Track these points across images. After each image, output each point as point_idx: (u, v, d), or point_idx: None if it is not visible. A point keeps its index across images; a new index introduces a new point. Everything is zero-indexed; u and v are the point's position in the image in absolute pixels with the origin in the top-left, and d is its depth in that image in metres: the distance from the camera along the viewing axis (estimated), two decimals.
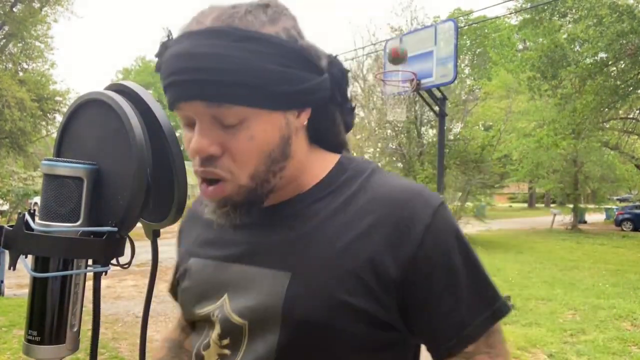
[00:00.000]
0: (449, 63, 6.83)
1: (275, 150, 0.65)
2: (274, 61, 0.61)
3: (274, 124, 0.64)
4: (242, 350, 0.67)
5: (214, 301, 0.71)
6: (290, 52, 0.63)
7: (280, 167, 0.67)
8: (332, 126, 0.74)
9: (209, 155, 0.62)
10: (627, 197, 31.15)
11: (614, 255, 11.89)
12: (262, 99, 0.61)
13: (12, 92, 16.08)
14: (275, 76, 0.61)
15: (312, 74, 0.65)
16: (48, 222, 0.60)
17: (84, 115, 0.67)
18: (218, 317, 0.70)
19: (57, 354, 0.61)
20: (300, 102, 0.66)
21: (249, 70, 0.60)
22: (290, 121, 0.66)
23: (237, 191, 0.65)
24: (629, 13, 10.71)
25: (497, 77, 20.94)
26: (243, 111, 0.61)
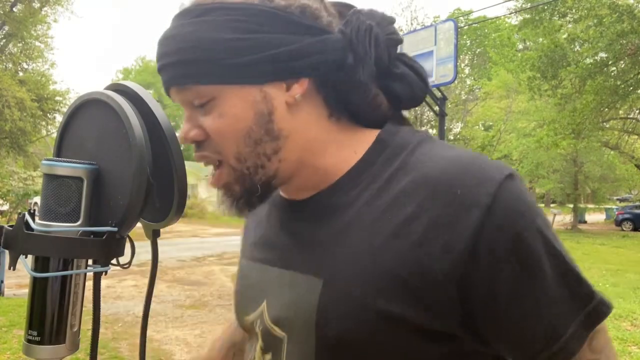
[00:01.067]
0: (449, 63, 6.83)
1: (253, 129, 0.57)
2: (235, 28, 0.55)
3: (244, 99, 0.57)
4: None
5: (255, 308, 0.65)
6: (259, 14, 0.55)
7: (273, 148, 0.58)
8: (362, 99, 0.61)
9: (193, 140, 0.60)
10: (627, 197, 31.15)
11: (614, 255, 11.89)
12: (223, 73, 0.56)
13: (12, 92, 16.08)
14: (236, 44, 0.55)
15: (295, 35, 0.56)
16: (48, 222, 0.60)
17: (84, 115, 0.67)
18: (260, 328, 0.64)
19: (57, 354, 0.61)
20: (283, 72, 0.57)
21: (204, 44, 0.55)
22: (271, 95, 0.57)
23: (233, 175, 0.60)
24: (629, 13, 10.71)
25: (497, 77, 20.94)
26: (208, 90, 0.57)
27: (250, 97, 0.57)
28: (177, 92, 0.60)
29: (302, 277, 0.58)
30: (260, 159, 0.59)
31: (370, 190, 0.58)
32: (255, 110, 0.57)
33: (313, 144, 0.61)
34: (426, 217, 0.52)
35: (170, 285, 7.72)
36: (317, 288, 0.56)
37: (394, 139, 0.61)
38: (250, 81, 0.57)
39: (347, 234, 0.57)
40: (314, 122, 0.61)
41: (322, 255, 0.58)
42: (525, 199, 0.52)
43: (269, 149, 0.59)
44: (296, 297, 0.58)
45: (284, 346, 0.59)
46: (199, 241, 14.44)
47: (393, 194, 0.55)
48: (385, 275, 0.52)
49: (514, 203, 0.51)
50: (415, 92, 0.63)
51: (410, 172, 0.56)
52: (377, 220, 0.55)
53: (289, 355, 0.59)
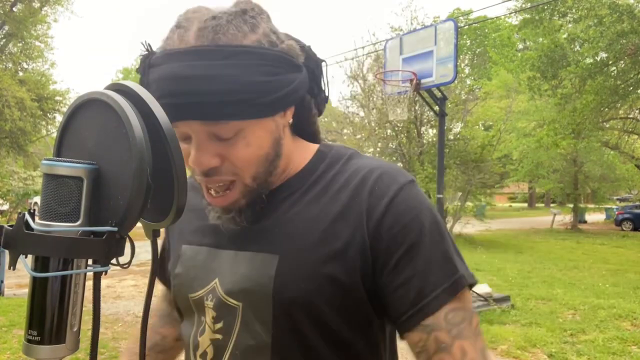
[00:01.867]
0: (449, 63, 6.82)
1: (270, 153, 0.70)
2: (262, 72, 0.64)
3: (266, 130, 0.68)
4: (235, 333, 0.71)
5: (204, 286, 0.75)
6: (275, 59, 0.66)
7: (276, 164, 0.72)
8: (309, 116, 0.79)
9: (212, 167, 0.67)
10: (627, 197, 31.15)
11: (614, 255, 11.89)
12: (255, 111, 0.65)
13: (12, 92, 16.08)
14: (265, 87, 0.64)
15: (294, 74, 0.68)
16: (48, 221, 0.60)
17: (84, 115, 0.67)
18: (212, 301, 0.73)
19: (57, 354, 0.61)
20: (286, 103, 0.69)
21: (240, 86, 0.63)
22: (279, 122, 0.70)
23: (243, 193, 0.70)
24: (629, 13, 10.70)
25: (497, 77, 20.94)
26: (238, 124, 0.65)
27: (269, 127, 0.69)
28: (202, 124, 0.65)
29: (258, 256, 0.71)
30: (268, 174, 0.71)
31: (316, 189, 0.73)
32: (272, 137, 0.70)
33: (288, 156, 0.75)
34: (355, 205, 0.69)
35: None
36: (274, 262, 0.69)
37: (331, 152, 0.78)
38: (271, 114, 0.68)
39: (298, 221, 0.71)
40: (289, 139, 0.76)
41: (276, 237, 0.71)
42: (419, 197, 0.71)
43: (274, 166, 0.72)
44: (252, 271, 0.70)
45: (238, 313, 0.71)
46: None
47: (334, 191, 0.72)
48: (328, 248, 0.68)
49: (410, 197, 0.70)
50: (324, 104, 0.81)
51: (344, 176, 0.73)
52: (321, 210, 0.71)
53: (244, 321, 0.70)
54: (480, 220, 16.22)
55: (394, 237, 0.67)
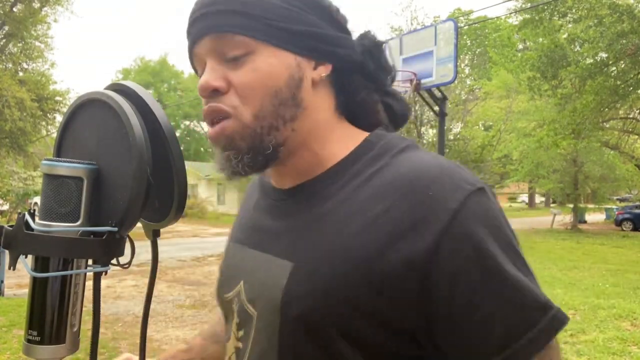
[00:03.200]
0: (449, 63, 6.83)
1: (282, 90, 0.60)
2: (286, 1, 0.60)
3: (281, 61, 0.61)
4: (250, 343, 0.64)
5: (234, 287, 0.69)
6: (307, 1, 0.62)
7: (291, 114, 0.61)
8: (366, 102, 0.67)
9: (213, 89, 0.61)
10: (627, 197, 31.15)
11: (614, 255, 11.89)
12: (266, 31, 0.60)
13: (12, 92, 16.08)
14: (282, 11, 0.60)
15: (329, 25, 0.63)
16: (48, 222, 0.60)
17: (84, 115, 0.67)
18: (237, 305, 0.67)
19: (57, 354, 0.61)
20: (315, 50, 0.62)
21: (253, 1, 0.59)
22: (303, 66, 0.62)
23: (241, 132, 0.61)
24: (629, 13, 10.71)
25: (497, 77, 20.93)
26: (248, 42, 0.60)
27: (287, 60, 0.61)
28: (212, 40, 0.61)
29: (275, 260, 0.62)
30: (277, 120, 0.61)
31: (351, 186, 0.61)
32: (289, 72, 0.61)
33: (319, 129, 0.65)
34: (398, 213, 0.55)
35: (170, 285, 7.72)
36: (287, 270, 0.59)
37: (381, 142, 0.65)
38: (288, 47, 0.61)
39: (321, 223, 0.60)
40: (325, 108, 0.65)
41: (295, 240, 0.61)
42: (491, 211, 0.55)
43: (288, 114, 0.61)
44: (268, 278, 0.62)
45: (253, 323, 0.63)
46: (199, 241, 14.44)
47: (371, 191, 0.58)
48: (352, 264, 0.55)
49: (479, 213, 0.54)
50: (405, 112, 0.71)
51: (390, 172, 0.59)
52: (352, 213, 0.58)
53: (257, 332, 0.62)
54: None
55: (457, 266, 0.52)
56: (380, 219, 0.55)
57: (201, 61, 0.64)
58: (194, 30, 0.62)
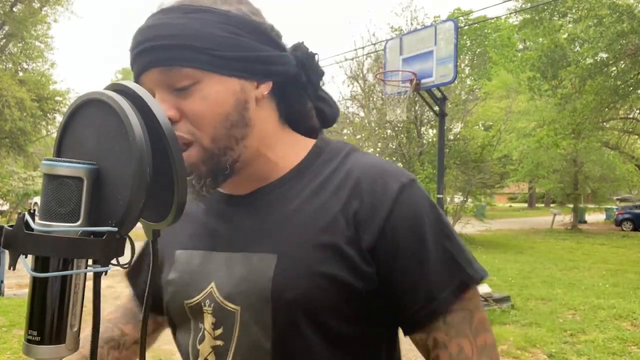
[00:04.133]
0: (449, 63, 6.82)
1: (232, 113, 0.66)
2: (221, 28, 0.64)
3: (227, 87, 0.66)
4: (235, 338, 0.68)
5: (200, 291, 0.72)
6: (240, 23, 0.66)
7: (242, 133, 0.68)
8: (303, 109, 0.76)
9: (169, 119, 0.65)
10: (627, 197, 31.15)
11: (614, 255, 11.89)
12: (210, 61, 0.64)
13: (12, 92, 16.08)
14: (222, 40, 0.64)
15: (266, 46, 0.68)
16: (48, 222, 0.60)
17: (84, 115, 0.67)
18: (210, 305, 0.71)
19: (57, 354, 0.61)
20: (255, 72, 0.68)
21: (195, 34, 0.63)
22: (247, 88, 0.68)
23: (202, 156, 0.66)
24: (629, 13, 10.70)
25: (497, 77, 20.93)
26: (194, 73, 0.64)
27: (232, 86, 0.66)
28: (159, 73, 0.65)
29: (255, 256, 0.68)
30: (230, 141, 0.67)
31: (313, 186, 0.71)
32: (235, 97, 0.66)
33: (268, 139, 0.72)
34: (356, 204, 0.68)
35: None
36: (272, 262, 0.66)
37: (328, 147, 0.76)
38: (233, 73, 0.66)
39: (294, 219, 0.69)
40: (270, 120, 0.73)
41: (273, 236, 0.69)
42: (423, 195, 0.70)
43: (239, 134, 0.68)
44: (250, 272, 0.68)
45: (237, 318, 0.68)
46: None
47: (332, 187, 0.70)
48: (327, 248, 0.66)
49: (414, 196, 0.69)
50: (334, 113, 0.80)
51: (342, 172, 0.71)
52: (320, 207, 0.69)
53: (243, 325, 0.68)
54: (480, 221, 16.21)
55: (399, 240, 0.66)
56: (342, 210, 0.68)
57: (149, 90, 0.66)
58: (139, 62, 0.66)
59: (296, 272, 0.65)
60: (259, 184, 0.74)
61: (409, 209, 0.67)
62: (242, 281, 0.68)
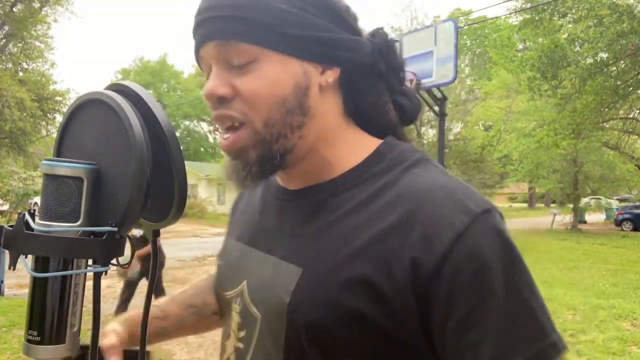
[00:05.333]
0: (449, 63, 6.83)
1: (289, 98, 0.60)
2: (289, 2, 0.59)
3: (286, 68, 0.60)
4: (253, 344, 0.64)
5: (235, 286, 0.69)
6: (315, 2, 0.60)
7: (299, 122, 0.61)
8: (376, 103, 0.66)
9: (220, 96, 0.60)
10: (627, 197, 31.14)
11: (614, 255, 11.88)
12: (271, 38, 0.58)
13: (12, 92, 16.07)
14: (288, 16, 0.58)
15: (338, 27, 0.61)
16: (48, 222, 0.60)
17: (84, 115, 0.67)
18: (239, 306, 0.67)
19: (57, 354, 0.61)
20: (322, 55, 0.61)
21: (259, 6, 0.58)
22: (310, 73, 0.61)
23: (253, 140, 0.61)
24: (629, 13, 10.70)
25: (497, 77, 20.93)
26: (253, 50, 0.59)
27: (293, 68, 0.60)
28: (216, 47, 0.60)
29: (283, 264, 0.62)
30: (285, 128, 0.61)
31: (361, 197, 0.61)
32: (295, 81, 0.60)
33: (327, 134, 0.65)
34: (405, 230, 0.55)
35: (170, 285, 7.72)
36: (296, 275, 0.59)
37: (392, 153, 0.65)
38: (295, 54, 0.60)
39: (330, 232, 0.60)
40: (333, 113, 0.65)
41: (304, 246, 0.62)
42: (498, 233, 0.55)
43: (295, 121, 0.61)
44: (275, 281, 0.62)
45: (257, 325, 0.63)
46: (199, 241, 14.44)
47: (380, 204, 0.59)
48: (358, 275, 0.55)
49: (485, 235, 0.54)
50: (416, 109, 0.70)
51: (399, 187, 0.60)
52: (360, 224, 0.59)
53: (260, 334, 0.62)
54: None
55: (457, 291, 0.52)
56: (387, 235, 0.56)
57: (207, 64, 0.63)
58: (199, 33, 0.62)
59: (317, 295, 0.57)
60: (309, 181, 0.66)
61: (473, 254, 0.53)
62: (267, 288, 0.63)
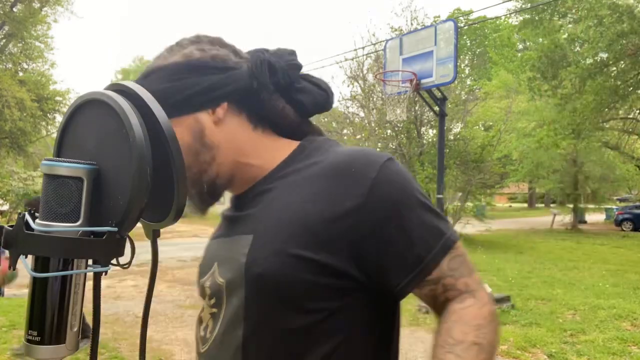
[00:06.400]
0: (449, 63, 6.82)
1: (191, 144, 0.79)
2: (167, 79, 0.78)
3: (183, 125, 0.79)
4: (224, 306, 0.78)
5: (208, 272, 0.84)
6: (180, 68, 0.79)
7: (209, 156, 0.80)
8: (273, 110, 0.83)
9: None
10: (627, 197, 31.14)
11: (614, 255, 11.89)
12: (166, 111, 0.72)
13: (12, 92, 16.07)
14: (169, 90, 0.78)
15: (208, 76, 0.79)
16: (48, 222, 0.60)
17: (84, 115, 0.67)
18: (210, 281, 0.82)
19: (57, 354, 0.61)
20: (203, 102, 0.79)
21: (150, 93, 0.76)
22: (201, 118, 0.79)
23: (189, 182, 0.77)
24: (629, 13, 10.70)
25: (497, 77, 20.95)
26: None
27: (186, 122, 0.79)
28: None
29: (239, 238, 0.78)
30: (202, 166, 0.80)
31: (292, 177, 0.78)
32: (190, 130, 0.79)
33: (243, 148, 0.82)
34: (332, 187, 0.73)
35: (170, 285, 7.72)
36: (248, 241, 0.75)
37: (312, 144, 0.83)
38: (184, 112, 0.79)
39: (272, 205, 0.77)
40: (240, 133, 0.82)
41: (253, 220, 0.78)
42: (401, 173, 0.75)
43: (207, 157, 0.80)
44: (233, 251, 0.77)
45: (223, 289, 0.78)
46: (199, 241, 14.45)
47: (310, 176, 0.77)
48: (300, 230, 0.71)
49: (392, 174, 0.74)
50: (317, 100, 0.85)
51: (322, 163, 0.77)
52: (295, 193, 0.76)
53: (228, 295, 0.77)
54: (480, 221, 16.21)
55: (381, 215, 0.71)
56: (319, 194, 0.73)
57: None
58: None
59: (267, 250, 0.72)
60: (250, 184, 0.84)
61: (388, 188, 0.72)
62: (228, 259, 0.78)
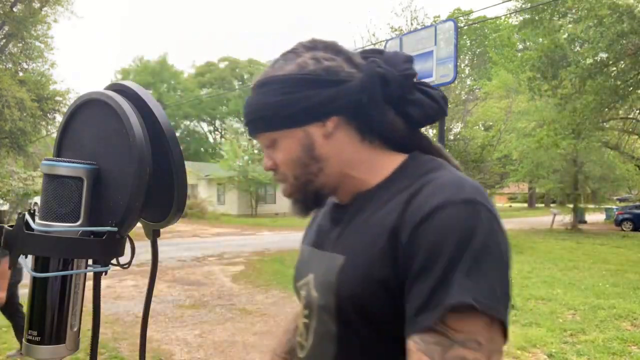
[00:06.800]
0: (449, 63, 6.82)
1: (301, 156, 0.83)
2: (280, 92, 0.80)
3: (294, 138, 0.82)
4: (315, 319, 0.84)
5: (303, 278, 0.90)
6: (293, 81, 0.80)
7: (317, 168, 0.84)
8: (383, 123, 0.83)
9: (268, 168, 0.87)
10: (627, 197, 31.13)
11: (614, 255, 11.89)
12: (277, 123, 0.82)
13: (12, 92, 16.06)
14: (281, 103, 0.80)
15: (319, 89, 0.80)
16: (48, 222, 0.60)
17: (84, 115, 0.67)
18: (305, 292, 0.88)
19: (57, 354, 0.61)
20: (315, 116, 0.81)
21: (262, 106, 0.82)
22: (312, 132, 0.82)
23: (292, 189, 0.86)
24: (629, 13, 10.69)
25: (497, 77, 20.92)
26: (270, 135, 0.84)
27: (297, 135, 0.82)
28: (256, 138, 0.87)
29: (333, 257, 0.82)
30: (309, 177, 0.85)
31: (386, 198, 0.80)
32: (300, 143, 0.83)
33: (350, 161, 0.85)
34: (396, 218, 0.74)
35: (170, 285, 7.72)
36: (340, 262, 0.79)
37: (414, 162, 0.83)
38: (294, 125, 0.82)
39: (364, 226, 0.80)
40: (348, 146, 0.84)
41: (345, 240, 0.82)
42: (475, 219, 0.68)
43: (314, 169, 0.84)
44: (327, 269, 0.82)
45: (316, 303, 0.83)
46: (199, 241, 14.45)
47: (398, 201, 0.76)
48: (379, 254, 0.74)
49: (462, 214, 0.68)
50: (427, 112, 0.84)
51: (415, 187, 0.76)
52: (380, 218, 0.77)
53: (319, 310, 0.82)
54: None
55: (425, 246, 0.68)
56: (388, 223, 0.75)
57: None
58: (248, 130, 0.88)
59: (354, 273, 0.76)
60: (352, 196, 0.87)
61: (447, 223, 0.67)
62: (322, 275, 0.83)
